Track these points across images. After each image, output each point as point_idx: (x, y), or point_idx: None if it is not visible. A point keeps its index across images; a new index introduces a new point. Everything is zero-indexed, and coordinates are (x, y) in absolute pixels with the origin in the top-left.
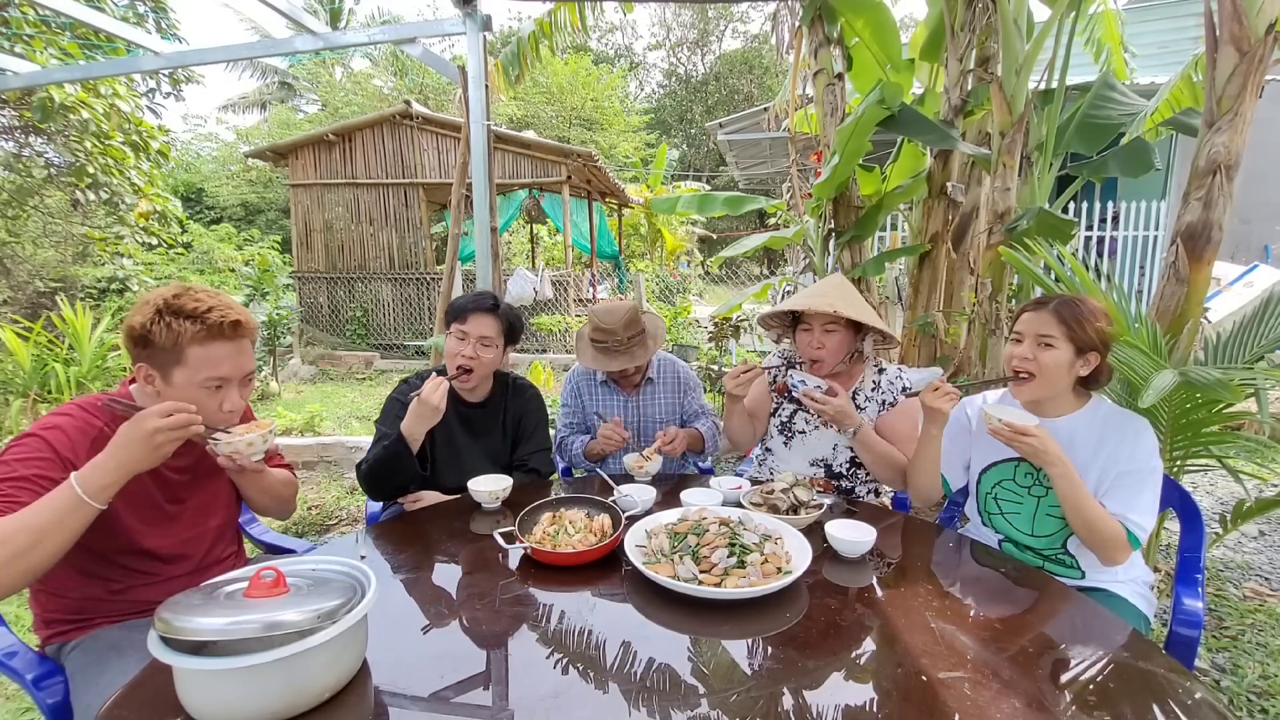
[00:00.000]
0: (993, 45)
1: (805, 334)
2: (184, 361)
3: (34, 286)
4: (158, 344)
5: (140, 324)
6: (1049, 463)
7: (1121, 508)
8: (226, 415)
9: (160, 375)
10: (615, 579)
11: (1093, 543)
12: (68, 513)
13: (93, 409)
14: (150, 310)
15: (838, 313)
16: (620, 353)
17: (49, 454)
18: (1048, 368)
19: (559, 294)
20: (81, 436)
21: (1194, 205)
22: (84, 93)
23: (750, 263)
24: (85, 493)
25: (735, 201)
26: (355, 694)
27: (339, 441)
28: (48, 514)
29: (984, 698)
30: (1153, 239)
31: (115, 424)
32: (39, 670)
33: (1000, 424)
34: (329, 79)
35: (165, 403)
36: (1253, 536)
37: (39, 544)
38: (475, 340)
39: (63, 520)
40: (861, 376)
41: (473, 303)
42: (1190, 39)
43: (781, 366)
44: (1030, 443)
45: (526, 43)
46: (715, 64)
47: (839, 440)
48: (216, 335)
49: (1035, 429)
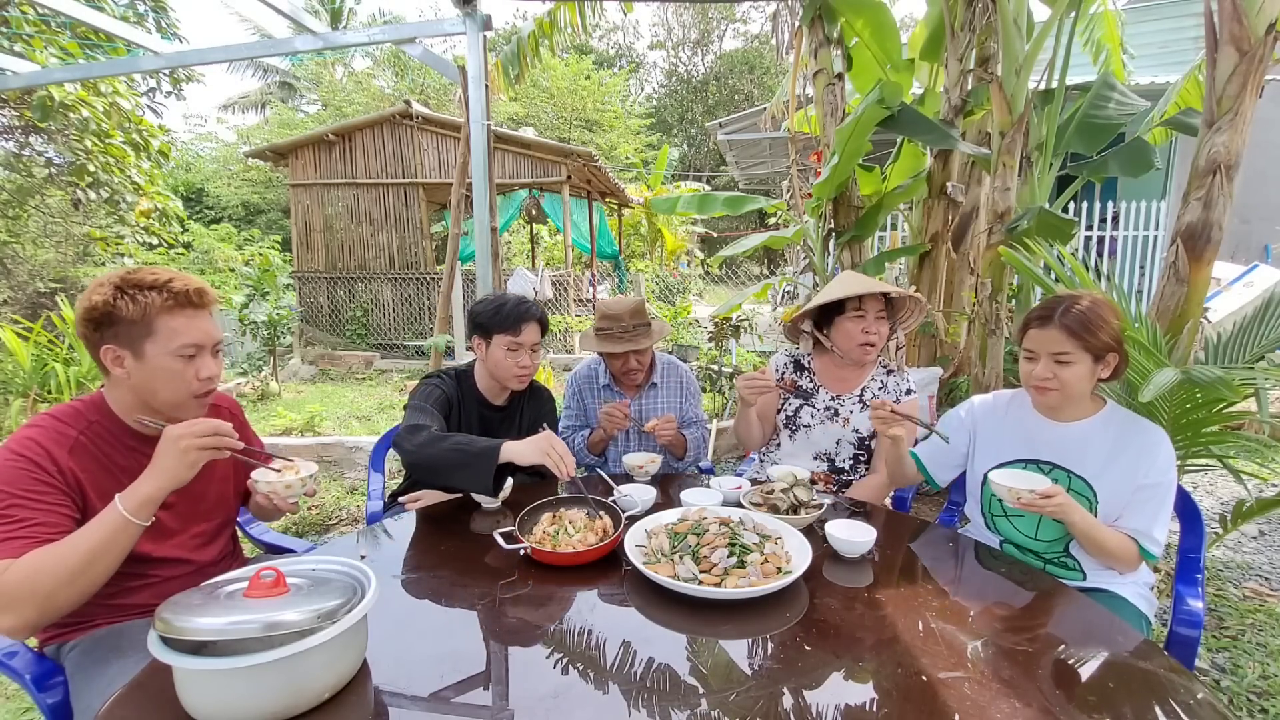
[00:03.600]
0: (993, 45)
1: (857, 321)
2: (154, 333)
3: (34, 286)
4: (125, 318)
5: (102, 301)
6: (1070, 511)
7: (1144, 525)
8: (205, 382)
9: (130, 352)
10: (615, 579)
11: (1106, 562)
12: (116, 532)
13: (66, 418)
14: (109, 289)
15: (889, 292)
16: (623, 338)
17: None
18: (1070, 384)
19: (559, 294)
20: (58, 446)
21: (1194, 205)
22: (84, 91)
23: (750, 263)
24: (128, 511)
25: (735, 201)
26: (355, 694)
27: (339, 442)
28: (98, 535)
29: (984, 698)
30: (1153, 239)
31: (88, 432)
32: (39, 670)
33: (1031, 496)
34: (330, 79)
35: (199, 421)
36: (1253, 536)
37: (92, 564)
38: (529, 348)
39: (113, 539)
40: (869, 374)
41: (522, 312)
42: (1190, 39)
43: (788, 365)
44: (1057, 503)
45: (526, 42)
46: (716, 64)
47: (843, 435)
48: (184, 303)
49: (1056, 489)
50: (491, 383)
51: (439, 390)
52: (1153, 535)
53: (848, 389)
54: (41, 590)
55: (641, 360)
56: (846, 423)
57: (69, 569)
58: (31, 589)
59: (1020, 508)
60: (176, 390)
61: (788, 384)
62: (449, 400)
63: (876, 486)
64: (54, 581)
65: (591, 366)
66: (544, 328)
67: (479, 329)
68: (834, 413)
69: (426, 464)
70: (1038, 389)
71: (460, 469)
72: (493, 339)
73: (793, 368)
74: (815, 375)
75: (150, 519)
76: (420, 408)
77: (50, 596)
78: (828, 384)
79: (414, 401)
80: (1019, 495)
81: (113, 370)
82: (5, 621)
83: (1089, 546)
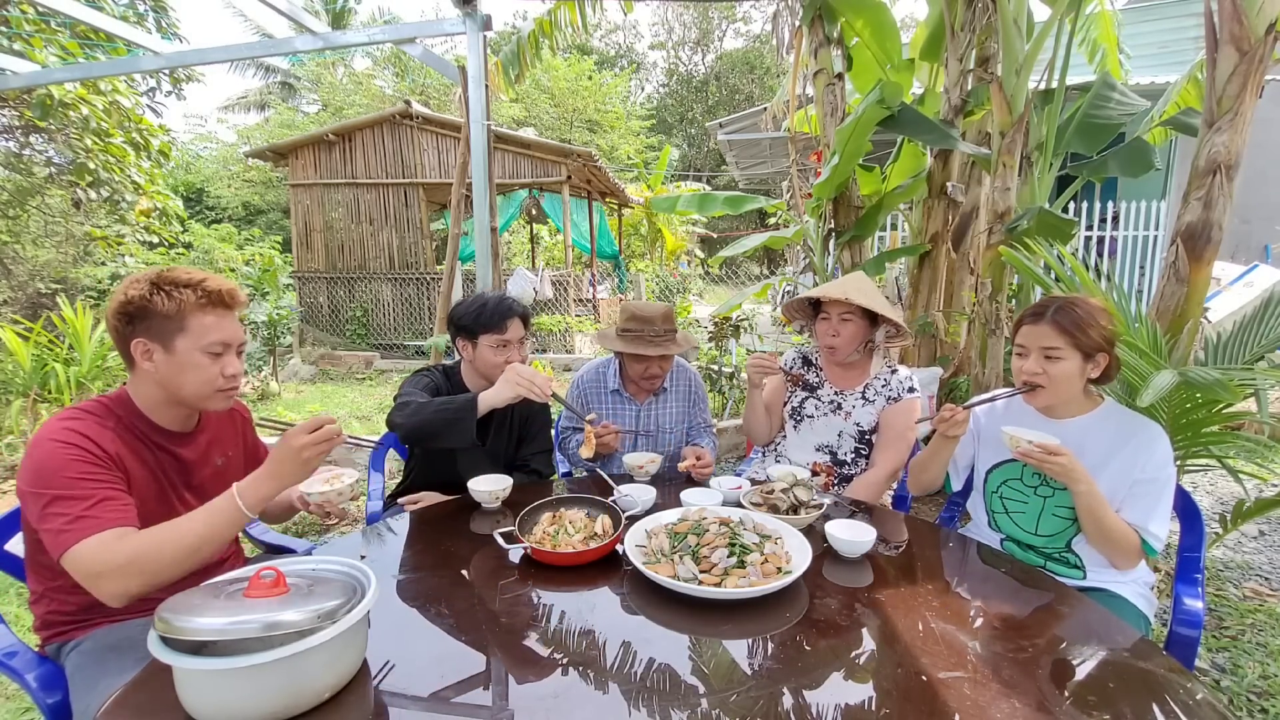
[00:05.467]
0: (993, 45)
1: (824, 322)
2: (186, 329)
3: (34, 287)
4: (160, 312)
5: (139, 295)
6: (1075, 480)
7: (1141, 518)
8: (229, 380)
9: (161, 346)
10: (615, 579)
11: (1107, 552)
12: (229, 522)
13: (96, 411)
14: (145, 284)
15: (849, 300)
16: (654, 342)
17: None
18: (1058, 379)
19: (559, 294)
20: (99, 434)
21: (1194, 205)
22: (83, 89)
23: (750, 262)
24: (246, 506)
25: (735, 201)
26: (355, 694)
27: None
28: (213, 521)
29: (984, 698)
30: (1153, 239)
31: (120, 425)
32: (39, 670)
33: (1031, 446)
34: (331, 79)
35: (309, 421)
36: (1253, 536)
37: (203, 546)
38: (516, 344)
39: (226, 527)
40: (874, 372)
41: (504, 309)
42: (1190, 39)
43: (797, 359)
44: (1061, 462)
45: (527, 41)
46: (716, 64)
47: (844, 428)
48: (217, 302)
49: (1063, 448)
50: (480, 381)
51: (428, 380)
52: (1150, 529)
53: (851, 385)
54: (153, 565)
55: (664, 367)
56: (848, 416)
57: (183, 549)
58: (146, 562)
59: (1019, 457)
60: (202, 385)
61: (794, 377)
62: (438, 391)
63: (874, 482)
64: (168, 558)
65: (599, 370)
66: (526, 322)
67: (463, 331)
68: (837, 406)
69: (418, 430)
70: (1027, 386)
71: (446, 427)
72: (479, 340)
73: (801, 363)
74: (821, 371)
75: (259, 514)
76: (410, 393)
77: (158, 573)
78: (833, 379)
79: (404, 389)
80: (1019, 443)
81: (141, 364)
82: (114, 586)
83: (1090, 527)
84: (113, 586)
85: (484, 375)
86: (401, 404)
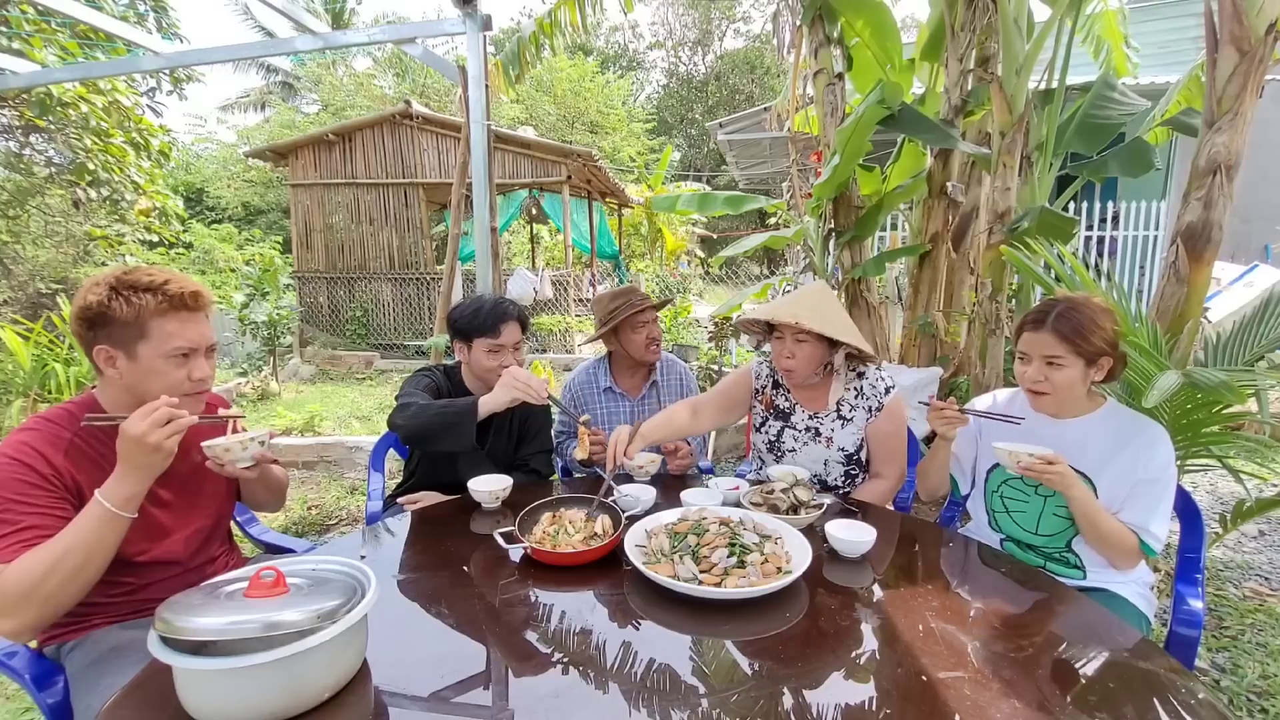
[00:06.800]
0: (993, 45)
1: (778, 343)
2: (147, 335)
3: (34, 286)
4: (119, 319)
5: (96, 301)
6: (1069, 486)
7: (1141, 519)
8: (197, 384)
9: (123, 353)
10: (615, 579)
11: (1104, 553)
12: (104, 527)
13: (59, 420)
14: (104, 288)
15: (800, 324)
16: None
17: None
18: (1061, 386)
19: (559, 294)
20: (52, 448)
21: (1194, 205)
22: (83, 88)
23: (750, 262)
24: (115, 506)
25: (735, 201)
26: (355, 694)
27: (339, 442)
28: (86, 531)
29: (984, 698)
30: (1153, 239)
31: (84, 433)
32: (39, 670)
33: (1032, 459)
34: (332, 80)
35: (144, 406)
36: (1253, 536)
37: (88, 561)
38: (511, 348)
39: (103, 535)
40: (838, 388)
41: (500, 313)
42: (1190, 39)
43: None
44: (1059, 470)
45: (527, 41)
46: (716, 64)
47: (828, 455)
48: (178, 306)
49: (1058, 456)
50: (478, 383)
51: (429, 379)
52: (1150, 529)
53: (822, 406)
54: (38, 592)
55: (657, 333)
56: (830, 443)
57: (69, 567)
58: (27, 591)
59: (1020, 472)
60: (168, 391)
61: (765, 401)
62: (439, 391)
63: (878, 494)
64: (49, 582)
65: (590, 370)
66: (524, 326)
67: (459, 334)
68: (815, 432)
69: (418, 432)
70: (1031, 393)
71: (446, 430)
72: (474, 343)
73: (772, 385)
74: (789, 392)
75: (136, 511)
76: (410, 393)
77: (48, 598)
78: (804, 402)
79: (405, 389)
80: (1019, 459)
81: (105, 370)
82: (6, 625)
83: (1087, 530)
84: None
85: (479, 378)
86: (402, 405)
